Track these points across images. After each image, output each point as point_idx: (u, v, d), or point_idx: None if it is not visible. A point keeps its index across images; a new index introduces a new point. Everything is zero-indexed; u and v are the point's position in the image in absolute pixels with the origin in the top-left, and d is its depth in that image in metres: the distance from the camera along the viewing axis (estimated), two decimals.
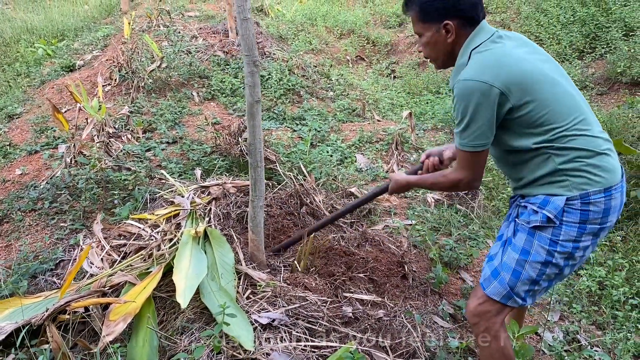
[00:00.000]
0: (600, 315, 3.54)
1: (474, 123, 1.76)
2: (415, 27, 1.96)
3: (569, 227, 1.78)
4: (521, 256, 1.86)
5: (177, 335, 2.37)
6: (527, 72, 1.73)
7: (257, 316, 2.40)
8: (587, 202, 1.75)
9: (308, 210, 3.44)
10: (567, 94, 1.79)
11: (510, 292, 1.88)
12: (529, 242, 1.85)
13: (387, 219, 3.78)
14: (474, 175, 1.89)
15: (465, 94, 1.74)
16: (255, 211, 2.70)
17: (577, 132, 1.75)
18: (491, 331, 1.93)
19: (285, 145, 4.59)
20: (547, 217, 1.79)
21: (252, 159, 2.59)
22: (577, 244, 1.80)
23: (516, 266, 1.87)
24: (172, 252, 2.67)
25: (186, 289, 2.38)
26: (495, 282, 1.91)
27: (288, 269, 3.09)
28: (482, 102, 1.72)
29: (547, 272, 1.84)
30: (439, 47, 1.93)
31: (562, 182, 1.78)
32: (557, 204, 1.77)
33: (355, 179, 4.19)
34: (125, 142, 4.60)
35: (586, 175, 1.75)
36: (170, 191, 3.33)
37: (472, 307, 1.98)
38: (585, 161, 1.75)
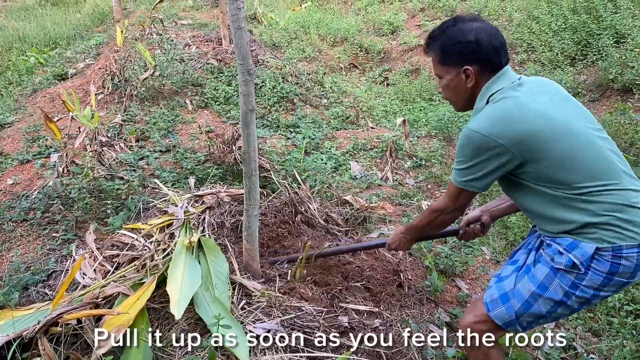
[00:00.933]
0: (595, 322, 3.53)
1: (473, 168, 1.77)
2: (435, 69, 1.93)
3: (596, 275, 1.70)
4: (538, 290, 1.79)
5: (171, 347, 2.34)
6: (538, 129, 1.67)
7: (252, 327, 2.38)
8: (618, 256, 1.66)
9: (303, 218, 3.42)
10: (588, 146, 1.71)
11: (515, 321, 1.85)
12: (550, 279, 1.77)
13: (382, 227, 3.77)
14: (458, 207, 1.92)
15: (469, 143, 1.75)
16: (250, 220, 2.68)
17: (603, 188, 1.68)
18: (483, 348, 1.92)
19: (279, 153, 4.58)
20: (573, 263, 1.71)
21: (247, 168, 2.58)
22: (599, 292, 1.73)
23: (529, 298, 1.81)
24: (165, 262, 2.64)
25: (180, 299, 2.36)
26: (503, 307, 1.87)
27: (284, 278, 3.07)
28: (484, 155, 1.72)
29: (557, 311, 1.80)
30: (459, 91, 1.90)
31: (592, 235, 1.69)
32: (585, 250, 1.69)
33: (350, 186, 4.19)
34: (118, 151, 4.57)
35: (618, 230, 1.66)
36: (163, 200, 3.30)
37: (467, 322, 1.96)
38: (616, 215, 1.66)
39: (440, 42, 1.86)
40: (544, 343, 2.96)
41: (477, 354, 1.95)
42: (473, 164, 1.76)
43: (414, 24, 10.00)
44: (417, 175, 4.82)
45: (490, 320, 1.89)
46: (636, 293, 3.33)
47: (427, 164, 5.02)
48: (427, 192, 4.50)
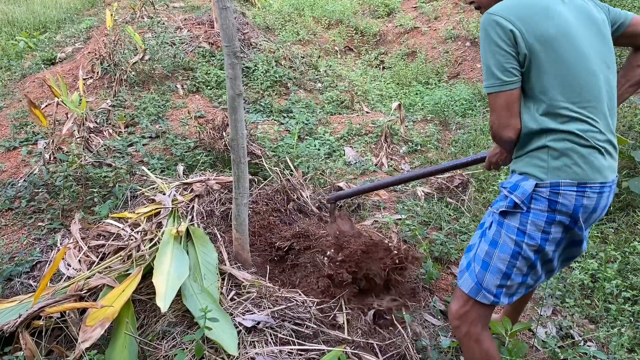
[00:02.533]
0: (593, 309, 3.49)
1: (487, 59, 1.70)
2: None
3: (536, 215, 1.71)
4: (490, 247, 1.80)
5: (157, 340, 2.27)
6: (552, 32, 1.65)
7: (241, 319, 2.31)
8: (556, 192, 1.68)
9: (295, 206, 3.34)
10: (588, 71, 1.69)
11: (479, 285, 1.82)
12: (498, 233, 1.79)
13: (377, 214, 3.69)
14: (499, 120, 1.74)
15: (482, 27, 1.70)
16: (239, 209, 2.60)
17: (579, 117, 1.67)
18: (472, 335, 1.86)
19: (272, 139, 4.48)
20: (514, 203, 1.73)
21: (235, 155, 2.49)
22: (547, 236, 1.73)
23: (485, 257, 1.81)
24: (152, 252, 2.56)
25: (167, 291, 2.28)
26: (467, 274, 1.86)
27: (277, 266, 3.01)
28: (495, 36, 1.66)
29: (517, 265, 1.77)
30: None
31: (540, 162, 1.71)
32: (525, 189, 1.72)
33: (343, 172, 4.10)
34: (107, 137, 4.46)
35: (566, 160, 1.67)
36: (151, 188, 3.21)
37: (453, 310, 1.90)
38: (574, 147, 1.67)
39: None
40: (538, 330, 2.93)
41: (469, 342, 1.87)
42: (484, 54, 1.71)
43: (410, 6, 9.82)
44: (413, 161, 4.73)
45: (469, 299, 1.84)
46: (634, 280, 3.28)
47: (423, 149, 4.93)
48: (422, 179, 4.42)
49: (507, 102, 1.71)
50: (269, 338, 2.26)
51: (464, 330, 1.86)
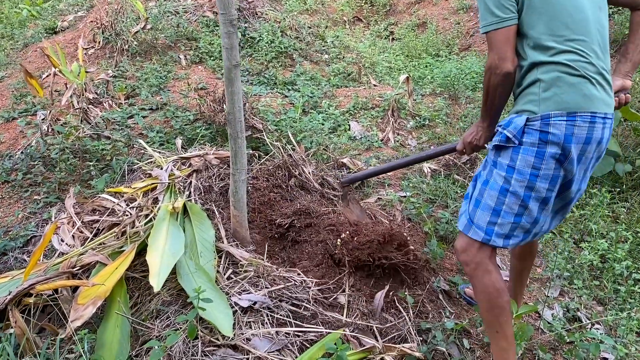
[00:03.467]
0: (601, 290, 3.41)
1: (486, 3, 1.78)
2: None
3: (527, 151, 1.78)
4: (482, 186, 1.91)
5: (151, 319, 2.22)
6: None
7: (237, 298, 2.25)
8: (547, 124, 1.74)
9: (297, 182, 3.24)
10: (576, 8, 1.75)
11: (470, 222, 1.92)
12: (490, 172, 1.89)
13: (381, 191, 3.59)
14: (499, 54, 1.79)
15: None
16: (237, 185, 2.51)
17: (568, 48, 1.73)
18: (481, 266, 1.92)
19: (275, 112, 4.36)
20: (507, 137, 1.80)
21: (232, 130, 2.39)
22: (536, 172, 1.78)
23: (478, 196, 1.92)
24: (147, 229, 2.49)
25: (160, 270, 2.21)
26: (462, 215, 1.99)
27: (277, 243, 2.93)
28: None
29: (505, 202, 1.84)
30: None
31: (532, 96, 1.78)
32: (517, 123, 1.78)
33: (348, 148, 3.98)
34: (107, 109, 4.36)
35: (555, 90, 1.73)
36: (149, 162, 3.12)
37: (458, 246, 2.00)
38: (563, 77, 1.73)
39: None
40: (545, 311, 2.86)
41: (478, 272, 1.92)
42: None
43: None
44: (420, 136, 4.60)
45: (467, 236, 1.94)
46: None
47: (431, 124, 4.79)
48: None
49: (507, 37, 1.78)
50: (265, 319, 2.20)
51: (473, 265, 1.93)
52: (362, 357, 2.12)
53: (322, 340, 2.12)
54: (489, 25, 1.78)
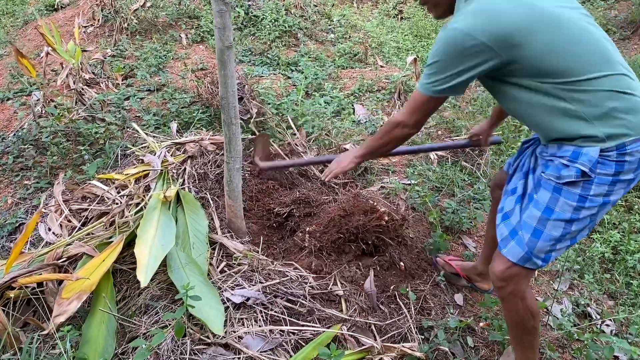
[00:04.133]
0: (613, 284, 3.28)
1: (446, 69, 1.62)
2: None
3: (602, 180, 1.62)
4: (544, 214, 1.69)
5: (139, 315, 2.12)
6: (523, 21, 1.55)
7: (229, 294, 2.14)
8: (622, 153, 1.59)
9: (296, 169, 3.11)
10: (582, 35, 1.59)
11: (530, 254, 1.73)
12: (554, 200, 1.67)
13: (385, 178, 3.45)
14: (419, 121, 1.80)
15: (447, 42, 1.60)
16: (231, 174, 2.38)
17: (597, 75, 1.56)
18: (518, 293, 1.82)
19: (277, 94, 4.20)
20: (582, 171, 1.61)
21: (225, 115, 2.25)
22: (608, 198, 1.66)
23: (537, 225, 1.71)
24: (137, 219, 2.37)
25: (149, 263, 2.10)
26: (513, 243, 1.76)
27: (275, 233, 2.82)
28: (461, 54, 1.58)
29: (571, 230, 1.70)
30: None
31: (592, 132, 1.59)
32: (591, 155, 1.59)
33: (351, 133, 3.83)
34: (104, 90, 4.23)
35: (618, 119, 1.57)
36: (143, 147, 3.00)
37: (497, 271, 1.82)
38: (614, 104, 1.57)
39: None
40: (553, 306, 2.74)
41: (514, 299, 1.83)
42: (446, 65, 1.62)
43: None
44: (428, 120, 4.43)
45: (517, 266, 1.78)
46: None
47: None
48: (436, 139, 4.14)
49: (436, 107, 1.77)
50: (258, 316, 2.09)
51: (509, 290, 1.81)
52: (359, 357, 2.01)
53: (316, 339, 2.02)
54: (434, 87, 1.67)
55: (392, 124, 1.86)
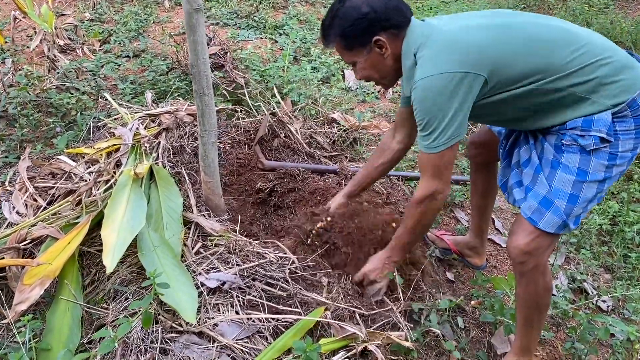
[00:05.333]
0: (610, 257, 3.17)
1: (442, 120, 1.59)
2: (344, 57, 1.81)
3: (626, 136, 1.61)
4: (578, 177, 1.64)
5: (108, 301, 1.98)
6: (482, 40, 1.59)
7: (204, 278, 2.00)
8: (637, 107, 1.58)
9: (282, 142, 2.95)
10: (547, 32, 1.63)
11: (566, 221, 1.67)
12: (586, 161, 1.63)
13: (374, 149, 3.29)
14: (445, 178, 1.74)
15: (427, 94, 1.58)
16: (206, 149, 2.22)
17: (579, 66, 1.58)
18: (540, 267, 1.74)
19: (263, 60, 3.99)
20: (600, 138, 1.60)
21: (197, 85, 2.07)
22: (635, 152, 1.65)
23: (573, 190, 1.65)
24: (106, 197, 2.22)
25: (116, 246, 1.96)
26: (549, 213, 1.68)
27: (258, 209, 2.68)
28: (449, 96, 1.56)
29: (603, 189, 1.69)
30: (380, 66, 1.78)
31: (602, 96, 1.59)
32: (604, 119, 1.59)
33: (340, 101, 3.64)
34: (80, 56, 4.00)
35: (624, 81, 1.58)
36: (116, 118, 2.82)
37: (522, 244, 1.72)
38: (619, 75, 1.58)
39: (336, 29, 1.73)
40: None
41: (535, 275, 1.75)
42: (439, 115, 1.59)
43: None
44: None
45: (541, 233, 1.69)
46: None
47: None
48: None
49: (455, 154, 1.71)
50: (235, 301, 1.96)
51: (532, 264, 1.73)
52: (342, 345, 1.89)
53: (296, 325, 1.89)
54: (446, 142, 1.62)
55: (422, 200, 1.78)
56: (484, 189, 2.33)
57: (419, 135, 1.70)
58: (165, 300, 1.84)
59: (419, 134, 1.68)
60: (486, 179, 2.30)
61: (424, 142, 1.66)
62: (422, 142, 1.67)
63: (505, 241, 2.97)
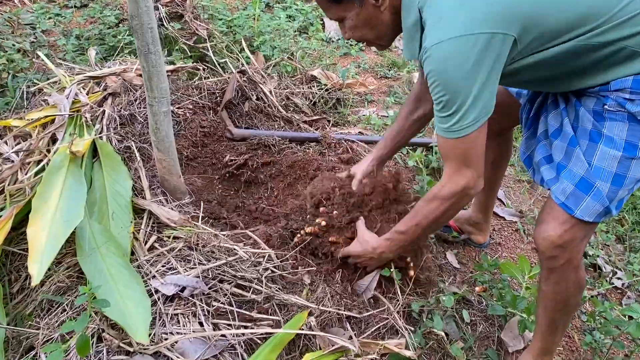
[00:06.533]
0: (621, 225, 2.90)
1: (467, 95, 1.25)
2: (329, 13, 1.46)
3: None
4: (625, 153, 1.32)
5: (39, 315, 1.60)
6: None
7: (159, 283, 1.63)
8: None
9: (254, 106, 2.53)
10: None
11: (609, 207, 1.38)
12: (636, 132, 1.31)
13: (361, 110, 2.89)
14: (480, 170, 1.41)
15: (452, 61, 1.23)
16: (157, 120, 1.80)
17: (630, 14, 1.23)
18: (573, 262, 1.46)
19: (231, 7, 3.49)
20: None
21: (140, 41, 1.63)
22: None
23: (619, 169, 1.34)
24: (36, 183, 1.80)
25: (45, 248, 1.56)
26: (588, 198, 1.37)
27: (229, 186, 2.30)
28: (479, 62, 1.22)
29: None
30: (375, 23, 1.43)
31: None
32: None
33: (320, 54, 3.20)
34: (19, 7, 3.45)
35: None
36: (53, 82, 2.36)
37: (554, 236, 1.42)
38: None
39: None
40: None
41: (566, 271, 1.47)
42: (463, 89, 1.25)
43: None
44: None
45: (578, 221, 1.39)
46: None
47: None
48: None
49: (485, 136, 1.36)
50: (198, 310, 1.59)
51: (565, 259, 1.45)
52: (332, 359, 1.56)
53: (273, 338, 1.55)
54: (473, 123, 1.29)
55: (449, 198, 1.45)
56: (495, 159, 1.99)
57: (436, 116, 1.35)
58: (109, 315, 1.48)
59: (437, 115, 1.34)
60: (499, 148, 1.96)
61: (443, 124, 1.33)
62: (442, 124, 1.34)
63: (510, 213, 2.66)
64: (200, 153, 2.35)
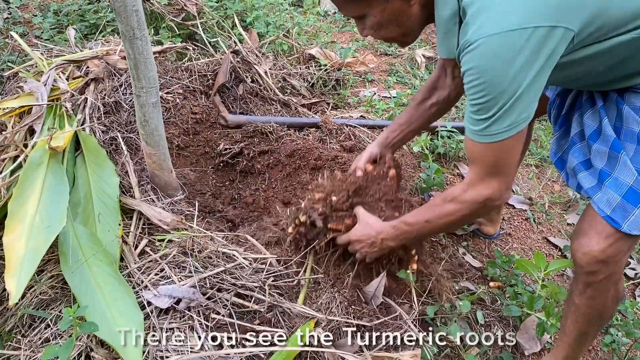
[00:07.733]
0: None
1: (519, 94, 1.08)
2: (346, 10, 1.28)
3: None
4: None
5: (21, 332, 1.46)
6: None
7: (152, 294, 1.48)
8: None
9: (248, 89, 2.35)
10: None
11: None
12: None
13: (362, 91, 2.72)
14: (509, 180, 1.28)
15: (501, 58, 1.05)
16: (145, 112, 1.62)
17: None
18: (615, 276, 1.33)
19: None
20: None
21: (124, 26, 1.45)
22: None
23: None
24: (12, 183, 1.63)
25: (24, 260, 1.41)
26: (638, 211, 1.22)
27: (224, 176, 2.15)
28: (532, 59, 1.05)
29: None
30: (402, 18, 1.26)
31: None
32: None
33: (317, 31, 3.00)
34: None
35: None
36: (30, 65, 2.16)
37: (596, 251, 1.28)
38: None
39: None
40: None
41: (607, 285, 1.34)
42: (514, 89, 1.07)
43: None
44: None
45: (623, 236, 1.25)
46: None
47: None
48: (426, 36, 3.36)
49: (520, 142, 1.20)
50: (195, 323, 1.46)
51: (606, 274, 1.32)
52: None
53: (278, 354, 1.43)
54: (509, 128, 1.14)
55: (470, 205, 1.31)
56: None
57: (468, 117, 1.19)
58: (99, 334, 1.34)
59: (470, 115, 1.18)
60: None
61: (475, 126, 1.17)
62: (473, 126, 1.18)
63: (519, 200, 2.53)
64: (192, 141, 2.19)
